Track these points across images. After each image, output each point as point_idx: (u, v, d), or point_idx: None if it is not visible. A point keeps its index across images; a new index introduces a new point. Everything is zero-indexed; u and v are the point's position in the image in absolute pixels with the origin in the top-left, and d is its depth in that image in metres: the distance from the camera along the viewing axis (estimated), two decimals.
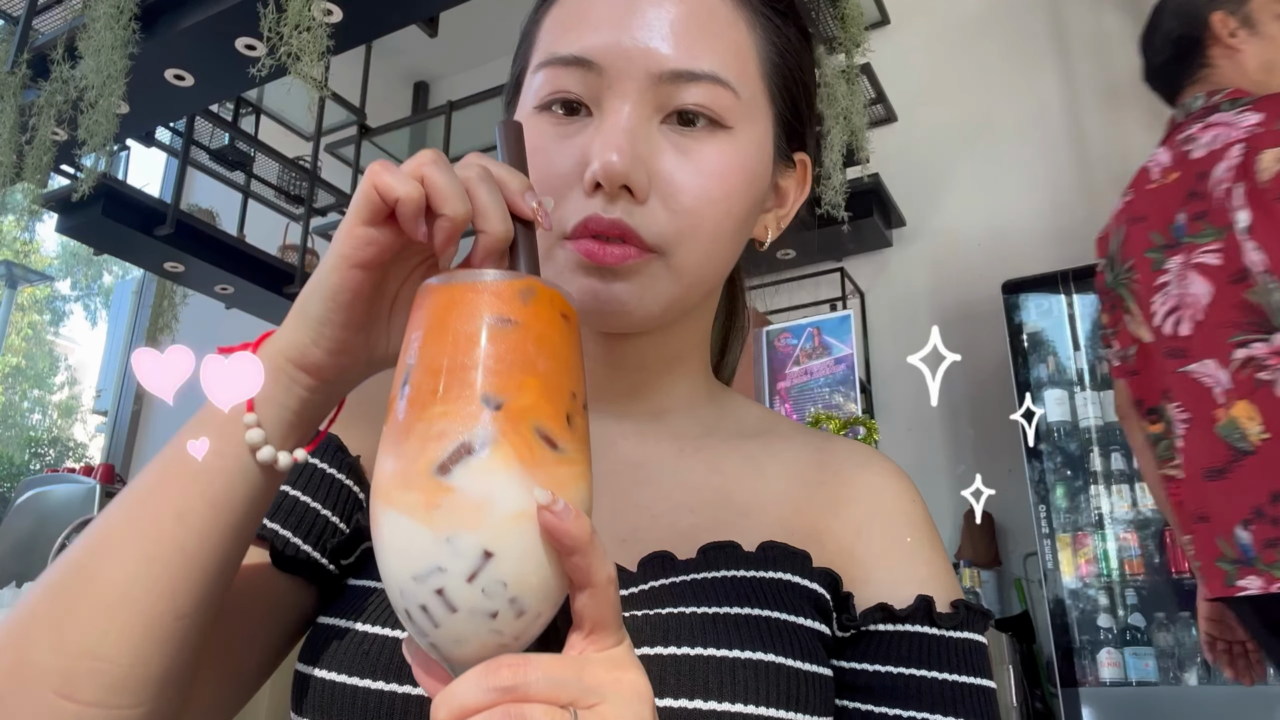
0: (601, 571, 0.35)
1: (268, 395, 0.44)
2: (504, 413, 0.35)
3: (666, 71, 0.52)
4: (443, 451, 0.34)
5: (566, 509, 0.34)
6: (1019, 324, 2.97)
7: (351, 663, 0.48)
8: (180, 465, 0.44)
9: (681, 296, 0.54)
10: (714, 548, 0.53)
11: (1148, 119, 3.34)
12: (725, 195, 0.53)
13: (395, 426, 0.36)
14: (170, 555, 0.42)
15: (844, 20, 3.08)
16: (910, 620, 0.54)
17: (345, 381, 0.46)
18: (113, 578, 0.42)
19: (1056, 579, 2.70)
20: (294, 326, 0.44)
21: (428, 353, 0.36)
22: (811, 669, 0.49)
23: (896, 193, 3.55)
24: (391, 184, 0.39)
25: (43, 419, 15.72)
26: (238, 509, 0.44)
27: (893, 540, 0.57)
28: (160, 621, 0.42)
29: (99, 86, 2.60)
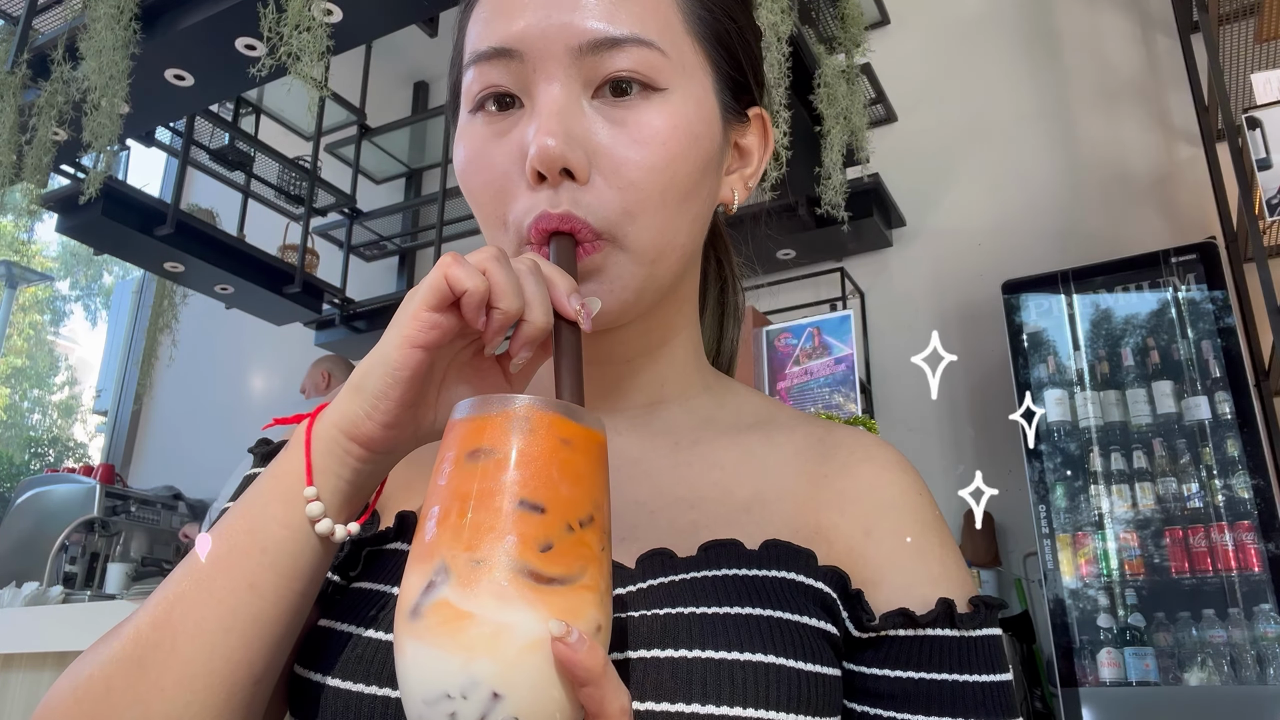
0: (614, 703, 0.36)
1: (324, 467, 0.46)
2: (517, 540, 0.36)
3: (586, 42, 0.51)
4: (455, 578, 0.35)
5: (580, 639, 0.35)
6: (1019, 324, 2.97)
7: (348, 667, 0.47)
8: (244, 533, 0.46)
9: (649, 276, 0.53)
10: (715, 545, 0.52)
11: (1148, 119, 3.34)
12: (668, 161, 0.52)
13: (423, 545, 0.37)
14: (246, 626, 0.44)
15: (844, 20, 3.08)
16: (933, 625, 0.53)
17: (394, 455, 0.47)
18: (193, 650, 0.44)
19: (1056, 579, 2.70)
20: (350, 400, 0.46)
21: (454, 479, 0.38)
22: (815, 669, 0.49)
23: (896, 193, 3.55)
24: (461, 277, 0.42)
25: (43, 419, 15.72)
26: (305, 577, 0.46)
27: (903, 540, 0.56)
28: (239, 688, 0.44)
29: (102, 87, 2.60)
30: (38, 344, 15.64)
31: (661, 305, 0.58)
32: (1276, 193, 2.41)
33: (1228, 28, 3.03)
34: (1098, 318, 2.90)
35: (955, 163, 3.64)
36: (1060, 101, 3.52)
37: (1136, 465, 2.72)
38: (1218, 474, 2.61)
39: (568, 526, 0.37)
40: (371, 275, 4.93)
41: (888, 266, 3.68)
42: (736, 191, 0.61)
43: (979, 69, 3.69)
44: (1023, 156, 3.52)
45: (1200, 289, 2.78)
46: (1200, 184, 3.08)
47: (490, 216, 0.54)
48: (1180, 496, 2.64)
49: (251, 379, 5.32)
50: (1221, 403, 2.65)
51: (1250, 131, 2.48)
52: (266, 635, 0.45)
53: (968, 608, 0.54)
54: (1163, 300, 2.82)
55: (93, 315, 16.17)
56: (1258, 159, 2.45)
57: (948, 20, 3.81)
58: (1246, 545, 2.52)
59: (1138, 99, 3.38)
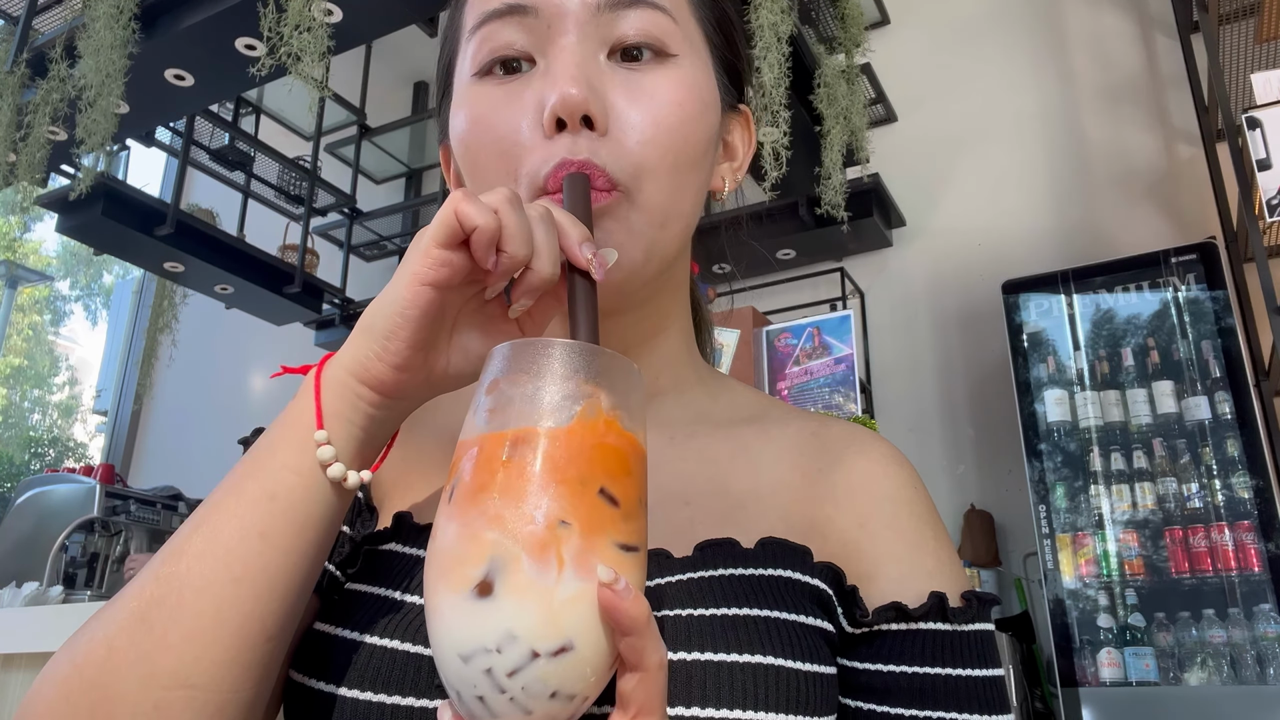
0: (654, 655, 0.35)
1: (335, 411, 0.44)
2: (570, 495, 0.35)
3: (604, 0, 0.52)
4: (508, 530, 0.35)
5: (628, 588, 0.35)
6: (1019, 324, 2.97)
7: (341, 672, 0.47)
8: (254, 481, 0.44)
9: (657, 238, 0.54)
10: (711, 545, 0.52)
11: (1148, 119, 3.34)
12: (681, 122, 0.53)
13: (463, 489, 0.36)
14: (257, 576, 0.43)
15: (844, 20, 3.08)
16: (925, 619, 0.53)
17: (407, 400, 0.46)
18: (202, 603, 0.42)
19: (1056, 579, 2.70)
20: (358, 342, 0.45)
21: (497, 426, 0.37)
22: (813, 669, 0.48)
23: (896, 193, 3.55)
24: (472, 213, 0.41)
25: (43, 419, 15.72)
26: (317, 526, 0.44)
27: (898, 533, 0.56)
28: (251, 644, 0.42)
29: (98, 86, 2.60)
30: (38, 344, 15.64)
31: (657, 291, 0.58)
32: (1276, 193, 2.41)
33: (1228, 28, 3.03)
34: (1098, 318, 2.90)
35: (955, 163, 3.64)
36: (1060, 101, 3.52)
37: (1136, 465, 2.72)
38: (1218, 474, 2.61)
39: (624, 493, 0.37)
40: (371, 275, 4.93)
41: (888, 266, 3.68)
42: (726, 180, 0.62)
43: (979, 69, 3.69)
44: (1023, 156, 3.52)
45: (1200, 289, 2.78)
46: (1200, 184, 3.08)
47: (499, 176, 0.53)
48: (1180, 497, 2.64)
49: (251, 379, 5.32)
50: (1221, 403, 2.65)
51: (1250, 131, 2.48)
52: (278, 587, 0.43)
53: (960, 602, 0.54)
54: (1163, 300, 2.82)
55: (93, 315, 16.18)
56: (1258, 159, 2.44)
57: (948, 20, 3.81)
58: (1246, 545, 2.52)
59: (1138, 99, 3.38)
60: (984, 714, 0.52)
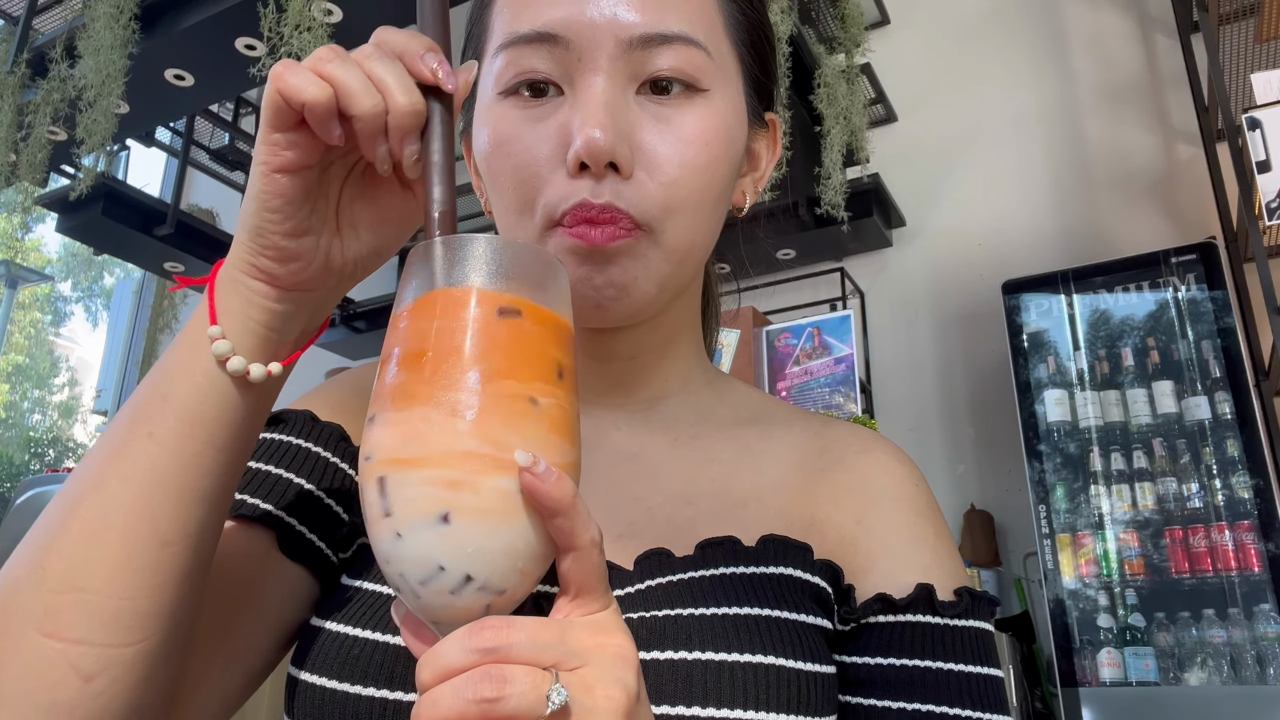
0: (584, 534, 0.35)
1: (229, 308, 0.43)
2: (485, 380, 0.35)
3: (637, 36, 0.50)
4: (428, 417, 0.34)
5: (548, 470, 0.34)
6: (1019, 324, 2.97)
7: (342, 667, 0.47)
8: (150, 386, 0.43)
9: (673, 274, 0.53)
10: (712, 544, 0.52)
11: (1148, 119, 3.34)
12: (708, 163, 0.52)
13: (384, 388, 0.36)
14: (145, 475, 0.41)
15: (844, 20, 3.08)
16: (911, 610, 0.52)
17: (313, 293, 0.45)
18: (91, 504, 0.41)
19: (1056, 579, 2.70)
20: (239, 239, 0.43)
21: (415, 326, 0.36)
22: (813, 669, 0.48)
23: (896, 193, 3.55)
24: (297, 86, 0.38)
25: (43, 419, 15.72)
26: (211, 425, 0.43)
27: (895, 526, 0.55)
28: (142, 547, 0.41)
29: (98, 86, 2.60)
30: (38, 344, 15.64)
31: (672, 304, 0.58)
32: (1276, 196, 2.41)
33: (1228, 28, 3.03)
34: (1098, 318, 2.90)
35: (955, 163, 3.63)
36: (1060, 101, 3.52)
37: (1136, 465, 2.72)
38: (1218, 474, 2.61)
39: (536, 369, 0.36)
40: (371, 275, 4.93)
41: (888, 266, 3.67)
42: (747, 193, 0.61)
43: (979, 69, 3.69)
44: (1023, 156, 3.52)
45: (1200, 289, 2.78)
46: (1200, 184, 3.08)
47: (515, 201, 0.52)
48: (1180, 496, 2.64)
49: None
50: (1221, 403, 2.65)
51: (1250, 132, 2.47)
52: (169, 487, 0.42)
53: (952, 597, 0.53)
54: (1162, 300, 2.82)
55: (93, 316, 16.19)
56: (1258, 159, 2.44)
57: (948, 20, 3.81)
58: (1246, 545, 2.52)
59: (1138, 99, 3.38)
60: (976, 710, 0.50)
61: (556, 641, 0.34)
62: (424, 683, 0.33)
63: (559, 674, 0.33)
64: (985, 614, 0.54)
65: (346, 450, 0.57)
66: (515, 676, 0.32)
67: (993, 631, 0.55)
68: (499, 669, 0.32)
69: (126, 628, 0.40)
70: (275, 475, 0.54)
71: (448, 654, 0.33)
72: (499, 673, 0.32)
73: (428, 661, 0.33)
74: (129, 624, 0.41)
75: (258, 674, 0.51)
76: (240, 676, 0.50)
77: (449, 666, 0.33)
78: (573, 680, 0.33)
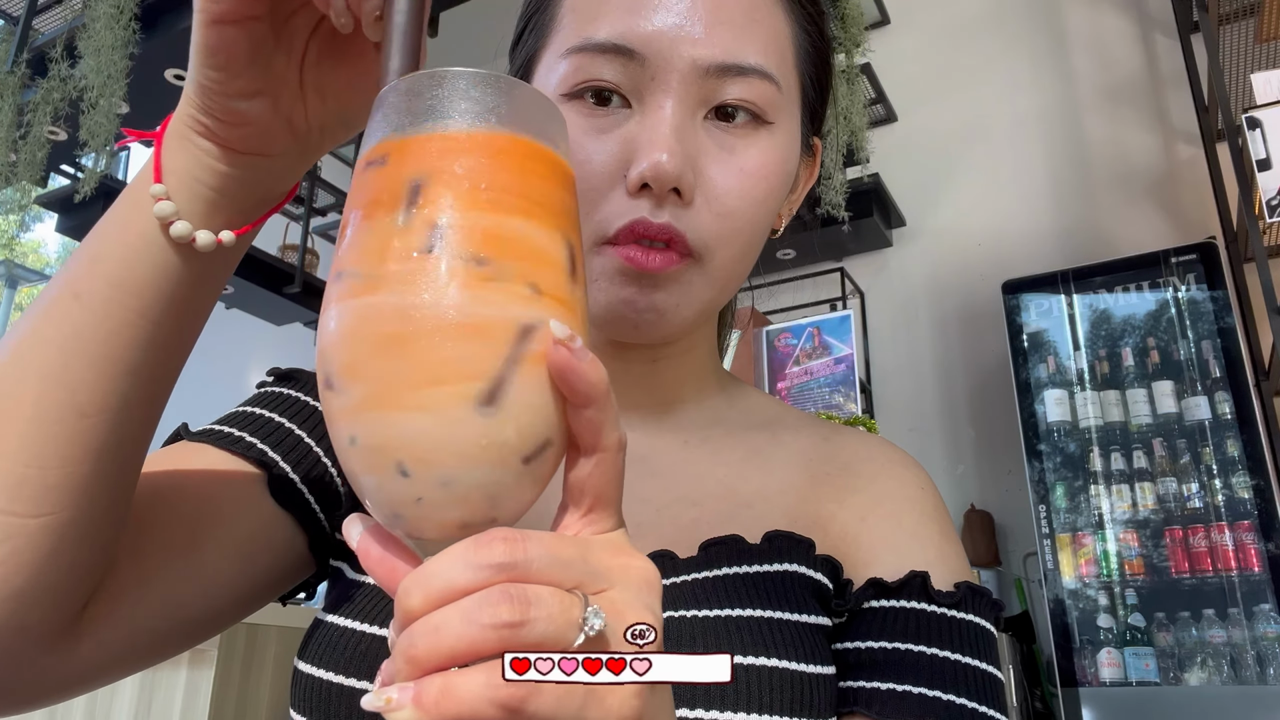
0: (613, 433, 0.30)
1: (176, 166, 0.39)
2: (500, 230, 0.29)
3: (714, 65, 0.49)
4: (425, 242, 0.28)
5: (584, 350, 0.29)
6: (1019, 324, 2.97)
7: (348, 662, 0.47)
8: (86, 248, 0.40)
9: (714, 300, 0.53)
10: (715, 543, 0.52)
11: (1148, 119, 3.34)
12: (766, 195, 0.52)
13: (360, 229, 0.29)
14: (66, 339, 0.38)
15: (844, 20, 3.07)
16: (903, 595, 0.51)
17: (271, 158, 0.41)
18: (7, 363, 0.38)
19: (1056, 579, 2.70)
20: (185, 95, 0.39)
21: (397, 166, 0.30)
22: (815, 670, 0.48)
23: (896, 193, 3.55)
24: None
25: None
26: (145, 292, 0.39)
27: (898, 525, 0.55)
28: (57, 415, 0.38)
29: (99, 86, 2.60)
30: None
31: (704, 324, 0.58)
32: (1276, 193, 2.41)
33: (1228, 28, 3.03)
34: (1098, 318, 2.90)
35: (955, 163, 3.63)
36: (1060, 101, 3.52)
37: (1136, 465, 2.72)
38: (1218, 474, 2.61)
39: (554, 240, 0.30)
40: None
41: (888, 266, 3.67)
42: (783, 216, 0.61)
43: (979, 69, 3.69)
44: (1023, 156, 3.52)
45: (1200, 289, 2.78)
46: (1200, 184, 3.08)
47: None
48: (1180, 496, 2.64)
49: (251, 379, 5.31)
50: (1221, 403, 2.65)
51: (1250, 131, 2.47)
52: (91, 353, 0.38)
53: (949, 587, 0.53)
54: (1162, 300, 2.82)
55: None
56: (1258, 159, 2.44)
57: (948, 20, 3.81)
58: (1246, 545, 2.52)
59: (1138, 99, 3.38)
60: (972, 700, 0.49)
61: (579, 559, 0.28)
62: (411, 609, 0.26)
63: (586, 596, 0.28)
64: (986, 612, 0.53)
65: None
66: (541, 597, 0.26)
67: (994, 631, 0.53)
68: (519, 588, 0.26)
69: (32, 498, 0.37)
70: (277, 422, 0.54)
71: (446, 572, 0.27)
72: (520, 592, 0.26)
73: (417, 583, 0.27)
74: (35, 494, 0.37)
75: (221, 601, 0.49)
76: (199, 594, 0.47)
77: (450, 587, 0.26)
78: (599, 603, 0.28)
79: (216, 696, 1.47)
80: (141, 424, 0.41)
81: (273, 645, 1.59)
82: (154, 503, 0.46)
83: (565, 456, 0.31)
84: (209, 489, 0.49)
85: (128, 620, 0.44)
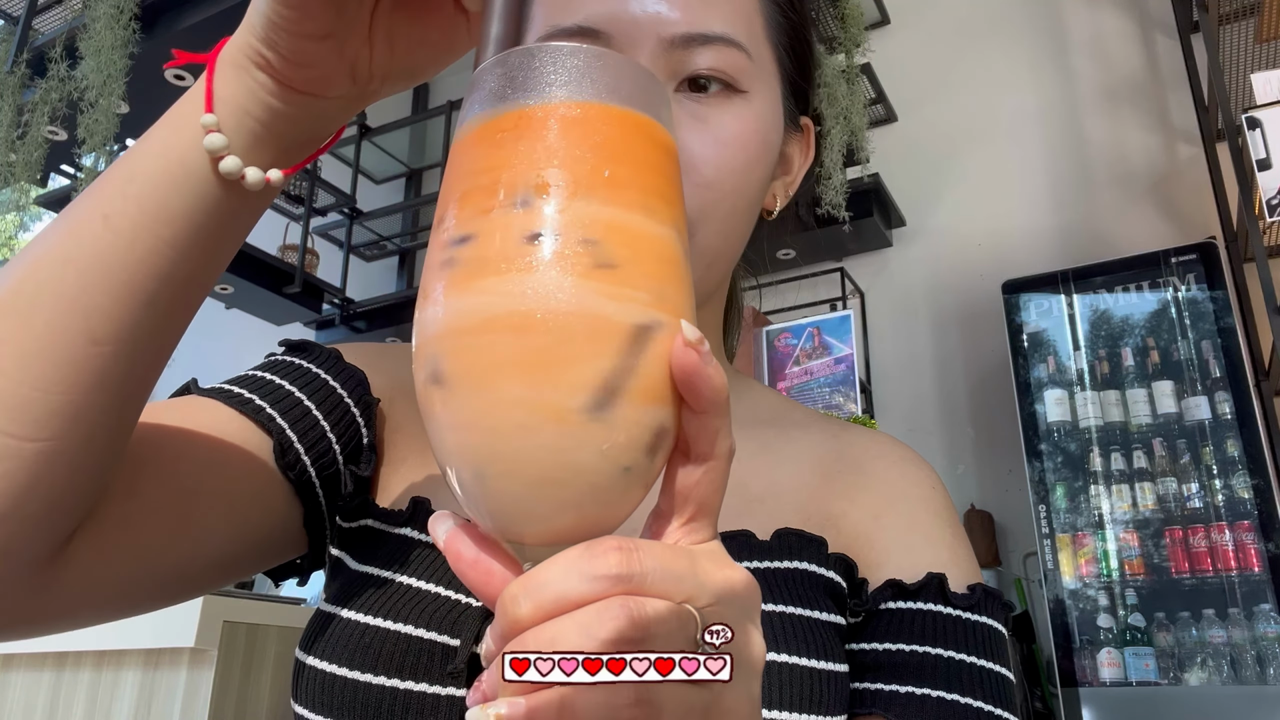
0: (727, 441, 0.29)
1: (228, 97, 0.38)
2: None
3: (678, 35, 0.50)
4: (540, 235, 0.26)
5: (710, 353, 0.27)
6: (1019, 324, 2.97)
7: (353, 655, 0.46)
8: (121, 167, 0.38)
9: (702, 278, 0.52)
10: (727, 538, 0.51)
11: (1148, 119, 3.34)
12: (745, 164, 0.51)
13: (472, 210, 0.28)
14: (89, 261, 0.37)
15: (844, 20, 3.08)
16: (922, 597, 0.51)
17: (326, 101, 0.40)
18: (23, 280, 0.37)
19: (1056, 579, 2.70)
20: (247, 24, 0.38)
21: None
22: (828, 667, 0.48)
23: (896, 193, 3.55)
24: None
25: None
26: (177, 222, 0.37)
27: (912, 525, 0.55)
28: (68, 339, 0.36)
29: (99, 86, 2.60)
30: None
31: (700, 306, 0.57)
32: (1276, 193, 2.41)
33: (1228, 28, 3.03)
34: (1098, 318, 2.90)
35: (955, 163, 3.63)
36: (1060, 101, 3.51)
37: (1136, 465, 2.72)
38: (1218, 474, 2.61)
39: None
40: (371, 275, 4.92)
41: (888, 266, 3.67)
42: (778, 196, 0.61)
43: (979, 69, 3.69)
44: (1023, 156, 3.51)
45: (1200, 289, 2.78)
46: (1200, 184, 3.08)
47: None
48: (1180, 496, 2.64)
49: None
50: (1221, 403, 2.65)
51: (1250, 131, 2.47)
52: (113, 280, 0.36)
53: (964, 590, 0.53)
54: (1163, 300, 2.82)
55: None
56: (1258, 159, 2.44)
57: (948, 20, 3.81)
58: (1246, 545, 2.52)
59: (1138, 99, 3.38)
60: (988, 703, 0.49)
61: (689, 573, 0.27)
62: (519, 618, 0.25)
63: (700, 614, 0.27)
64: (998, 614, 0.54)
65: (363, 398, 0.55)
66: (660, 614, 0.25)
67: (1005, 633, 0.54)
68: (638, 603, 0.25)
69: (32, 421, 0.36)
70: (287, 390, 0.53)
71: (559, 582, 0.25)
72: (639, 608, 0.25)
73: (527, 592, 0.25)
74: (36, 418, 0.36)
75: (206, 558, 0.48)
76: (186, 545, 0.47)
77: (563, 597, 0.25)
78: (708, 620, 0.27)
79: (216, 696, 1.47)
80: (152, 358, 0.40)
81: (273, 645, 1.59)
82: (159, 446, 0.46)
83: (669, 462, 0.29)
84: (214, 442, 0.48)
85: (112, 559, 0.43)
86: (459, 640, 0.45)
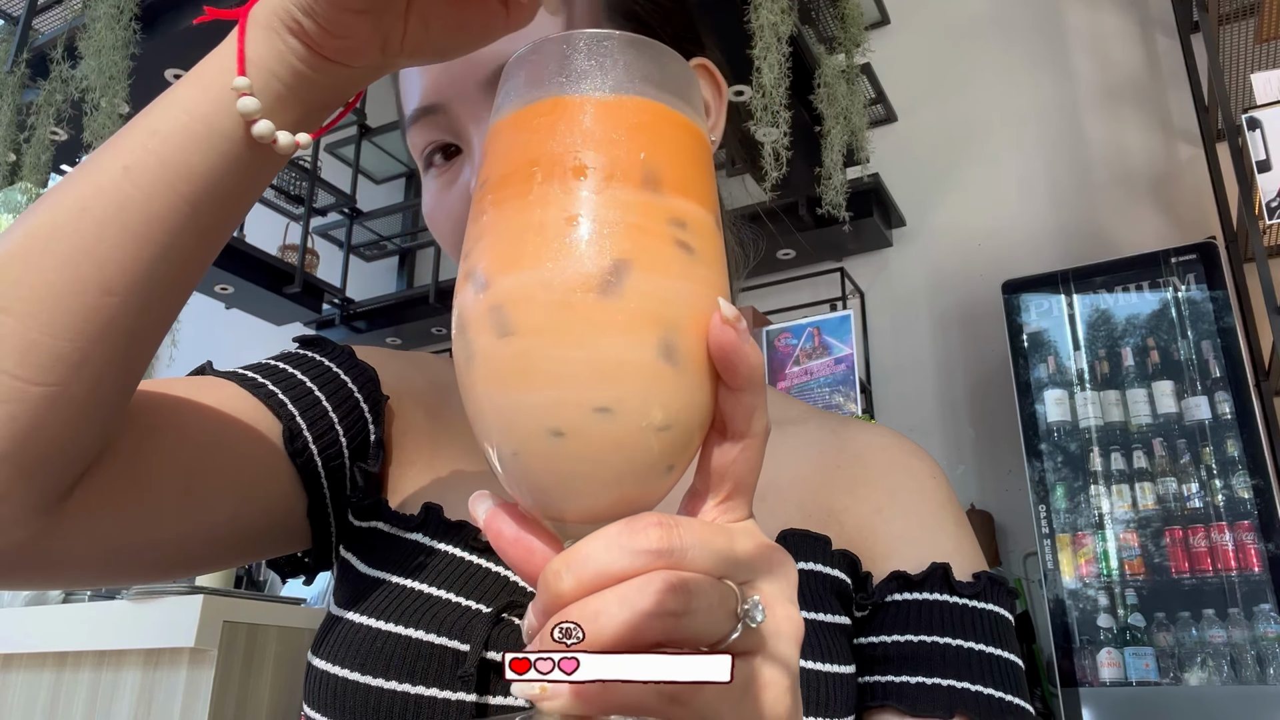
0: (763, 420, 0.29)
1: (255, 57, 0.38)
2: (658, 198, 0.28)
3: (490, 73, 0.50)
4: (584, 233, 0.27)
5: (747, 331, 0.28)
6: (1019, 324, 2.97)
7: (364, 659, 0.47)
8: (147, 119, 0.39)
9: None
10: None
11: (1148, 119, 3.34)
12: None
13: (521, 195, 0.28)
14: (106, 211, 0.37)
15: (844, 20, 3.07)
16: (926, 587, 0.51)
17: (352, 69, 0.40)
18: (38, 225, 0.37)
19: (1056, 579, 2.70)
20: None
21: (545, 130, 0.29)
22: (834, 670, 0.48)
23: (896, 193, 3.55)
24: None
25: None
26: (197, 179, 0.38)
27: (914, 517, 0.55)
28: (80, 286, 0.36)
29: (102, 87, 2.60)
30: None
31: None
32: (1276, 194, 2.41)
33: (1228, 28, 3.03)
34: (1098, 318, 2.90)
35: (955, 163, 3.63)
36: (1060, 101, 3.51)
37: (1136, 465, 2.72)
38: (1218, 474, 2.61)
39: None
40: (371, 275, 4.93)
41: (888, 266, 3.67)
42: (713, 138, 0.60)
43: (979, 69, 3.69)
44: (1023, 156, 3.51)
45: (1200, 289, 2.78)
46: (1200, 184, 3.08)
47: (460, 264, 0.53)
48: (1180, 496, 2.64)
49: None
50: (1221, 403, 2.65)
51: (1250, 132, 2.47)
52: (129, 232, 0.37)
53: (969, 578, 0.53)
54: (1163, 300, 2.82)
55: None
56: (1258, 159, 2.44)
57: (948, 20, 3.81)
58: (1246, 545, 2.52)
59: (1138, 99, 3.38)
60: (999, 690, 0.49)
61: (728, 549, 0.27)
62: (562, 593, 0.26)
63: (741, 590, 0.27)
64: (1004, 601, 0.54)
65: (372, 395, 0.56)
66: (701, 588, 0.25)
67: (1012, 619, 0.54)
68: (680, 576, 0.25)
69: (40, 365, 0.36)
70: (299, 379, 0.54)
71: (600, 556, 0.26)
72: (681, 581, 0.25)
73: (569, 566, 0.26)
74: (43, 362, 0.36)
75: (203, 536, 0.48)
76: (187, 518, 0.47)
77: (605, 571, 0.25)
78: (751, 596, 0.27)
79: (216, 696, 1.47)
80: (162, 311, 0.40)
81: (273, 645, 1.59)
82: (171, 414, 0.46)
83: (705, 441, 0.30)
84: (226, 418, 0.49)
85: (114, 516, 0.43)
86: (469, 645, 0.46)
